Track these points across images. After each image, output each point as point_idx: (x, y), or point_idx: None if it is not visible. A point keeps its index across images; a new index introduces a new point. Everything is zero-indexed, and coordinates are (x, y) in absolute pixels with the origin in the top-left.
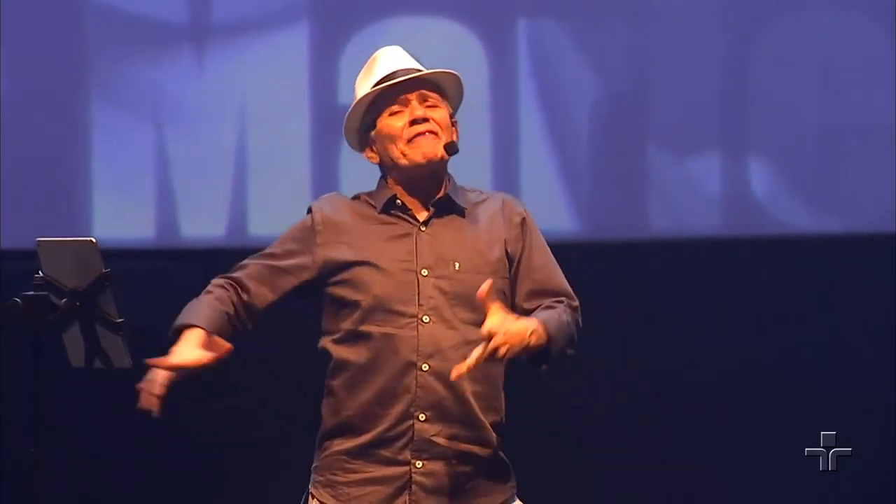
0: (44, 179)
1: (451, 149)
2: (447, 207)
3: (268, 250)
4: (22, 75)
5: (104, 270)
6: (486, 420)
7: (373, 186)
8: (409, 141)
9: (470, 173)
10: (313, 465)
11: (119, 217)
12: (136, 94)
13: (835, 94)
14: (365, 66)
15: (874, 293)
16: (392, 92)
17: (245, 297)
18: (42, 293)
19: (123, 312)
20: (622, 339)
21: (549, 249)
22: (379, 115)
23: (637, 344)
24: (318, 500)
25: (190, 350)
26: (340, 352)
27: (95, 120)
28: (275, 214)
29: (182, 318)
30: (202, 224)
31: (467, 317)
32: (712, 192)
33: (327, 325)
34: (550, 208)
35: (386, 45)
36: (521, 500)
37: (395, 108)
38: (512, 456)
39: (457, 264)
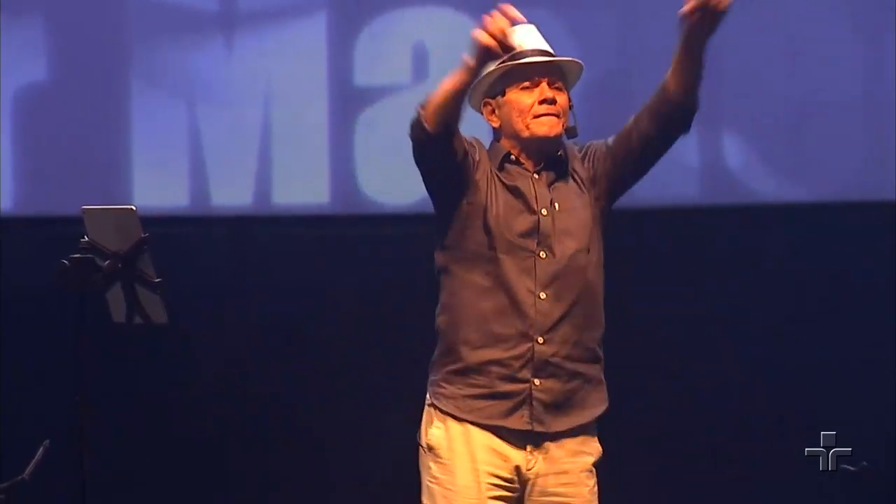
0: (89, 153)
1: (570, 133)
2: (556, 163)
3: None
4: (70, 61)
5: (143, 235)
6: (593, 337)
7: (384, 162)
8: (536, 117)
9: None
10: (430, 379)
11: (156, 187)
12: (171, 76)
13: (801, 73)
14: None
15: (844, 261)
16: (527, 69)
17: None
18: (87, 256)
19: (160, 273)
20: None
21: None
22: (510, 86)
23: (625, 312)
24: (438, 409)
25: None
26: (463, 273)
27: (135, 100)
28: (296, 185)
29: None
30: (231, 193)
31: (573, 247)
32: (690, 164)
33: (449, 243)
34: None
35: (403, 32)
36: None
37: (526, 83)
38: None
39: (567, 202)
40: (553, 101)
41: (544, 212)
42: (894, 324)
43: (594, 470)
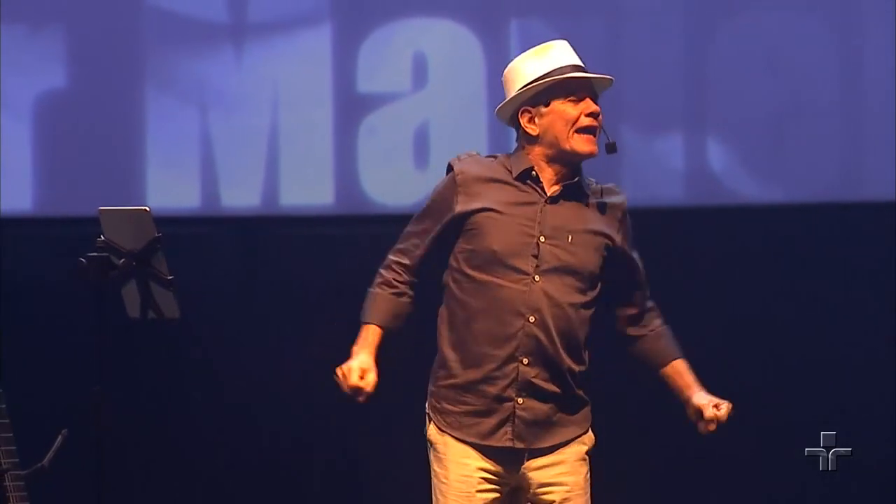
0: (105, 157)
1: (610, 149)
2: (575, 190)
3: (419, 214)
4: (88, 69)
5: (157, 235)
6: (573, 366)
7: (386, 165)
8: (579, 130)
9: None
10: (429, 389)
11: (169, 189)
12: (183, 83)
13: (781, 81)
14: (536, 50)
15: (828, 260)
16: (574, 84)
17: (408, 274)
18: (104, 254)
19: (173, 271)
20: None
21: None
22: (556, 97)
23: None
24: (434, 423)
25: (362, 362)
26: (459, 293)
27: (149, 106)
28: (302, 187)
29: (365, 314)
30: (240, 195)
31: (571, 282)
32: (674, 167)
33: (453, 263)
34: None
35: (404, 42)
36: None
37: (573, 97)
38: None
39: (570, 237)
40: (598, 115)
41: (542, 238)
42: (890, 323)
43: (587, 458)
